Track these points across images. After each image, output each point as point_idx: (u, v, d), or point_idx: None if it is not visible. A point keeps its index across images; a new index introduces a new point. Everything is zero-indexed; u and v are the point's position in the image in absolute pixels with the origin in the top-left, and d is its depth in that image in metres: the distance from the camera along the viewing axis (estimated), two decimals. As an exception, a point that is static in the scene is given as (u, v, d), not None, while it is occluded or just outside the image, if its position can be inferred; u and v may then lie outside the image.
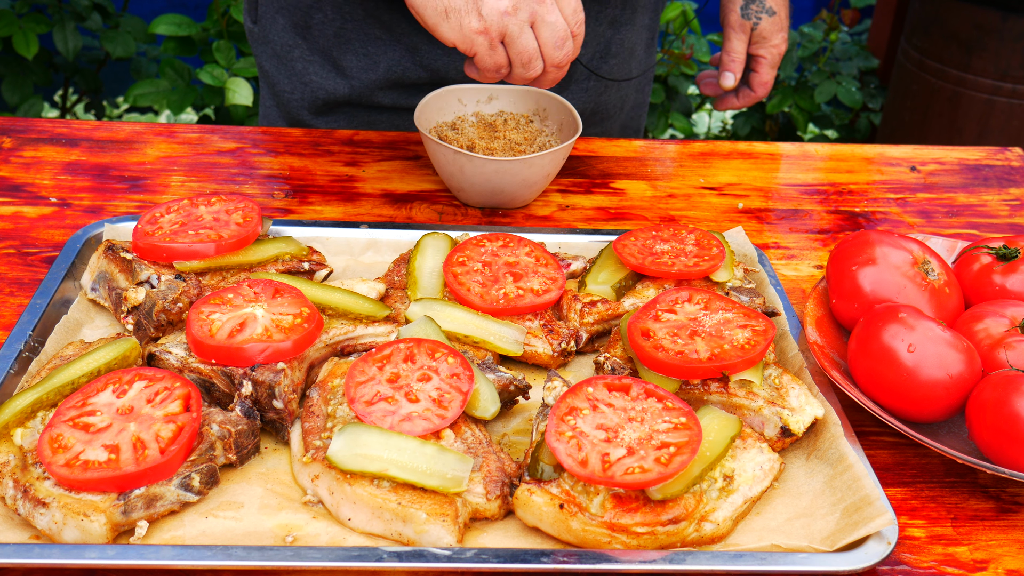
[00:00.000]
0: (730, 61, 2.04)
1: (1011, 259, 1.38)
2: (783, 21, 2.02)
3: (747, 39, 2.02)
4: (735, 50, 2.02)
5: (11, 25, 3.32)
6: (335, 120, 1.96)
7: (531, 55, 1.45)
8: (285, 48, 1.91)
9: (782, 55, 2.06)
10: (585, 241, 1.57)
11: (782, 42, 2.04)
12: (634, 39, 2.03)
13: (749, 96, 2.10)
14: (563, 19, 1.45)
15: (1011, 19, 3.54)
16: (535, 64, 1.47)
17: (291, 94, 1.94)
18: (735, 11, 2.01)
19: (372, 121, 1.96)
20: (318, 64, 1.89)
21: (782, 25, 2.02)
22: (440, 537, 1.05)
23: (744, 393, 1.22)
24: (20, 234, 1.59)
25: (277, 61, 1.93)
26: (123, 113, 4.59)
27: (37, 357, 1.28)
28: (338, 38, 1.86)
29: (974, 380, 1.20)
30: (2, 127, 1.89)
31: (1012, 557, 1.12)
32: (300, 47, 1.89)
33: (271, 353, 1.19)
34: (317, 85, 1.91)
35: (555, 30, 1.44)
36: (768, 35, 2.01)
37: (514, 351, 1.32)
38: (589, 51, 1.95)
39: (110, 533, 1.04)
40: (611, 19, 1.95)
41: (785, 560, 1.05)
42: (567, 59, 1.48)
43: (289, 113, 1.98)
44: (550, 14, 1.44)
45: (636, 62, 2.08)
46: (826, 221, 1.79)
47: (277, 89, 1.97)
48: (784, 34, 2.03)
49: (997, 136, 3.69)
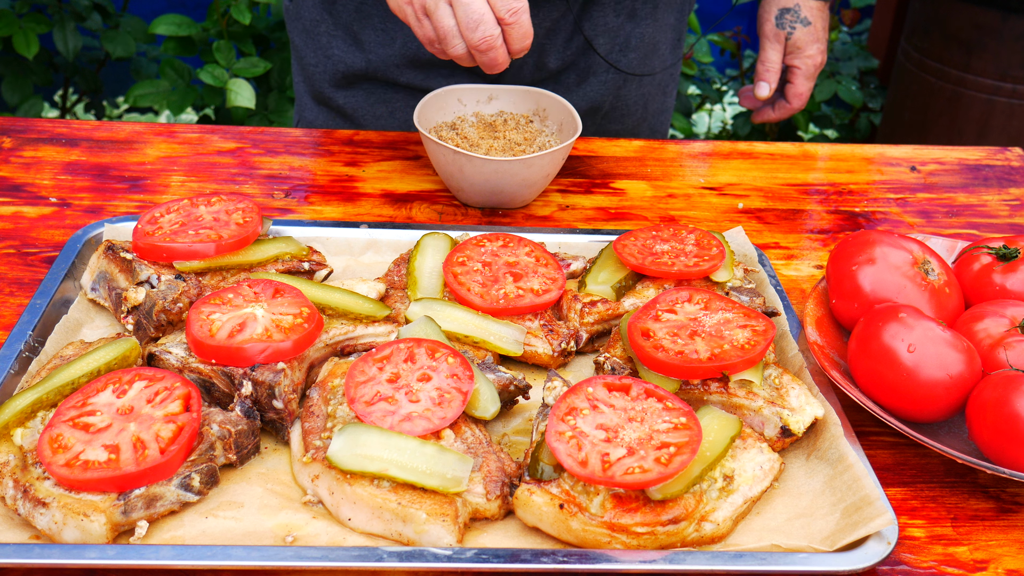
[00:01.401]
0: (765, 71, 2.06)
1: (1011, 259, 1.38)
2: (819, 33, 2.03)
3: (782, 49, 2.03)
4: (770, 60, 2.04)
5: (11, 25, 3.32)
6: (353, 95, 2.00)
7: (446, 31, 1.46)
8: (313, 23, 1.97)
9: (818, 67, 2.06)
10: (585, 241, 1.57)
11: (818, 53, 2.04)
12: (657, 36, 2.03)
13: (785, 108, 2.11)
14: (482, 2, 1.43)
15: (1011, 19, 3.54)
16: (452, 42, 1.47)
17: (315, 67, 2.01)
18: (770, 21, 2.03)
19: (388, 99, 1.99)
20: (340, 38, 1.95)
21: (817, 36, 2.03)
22: (440, 537, 1.05)
23: (744, 393, 1.22)
24: (20, 234, 1.59)
25: (306, 36, 2.00)
26: (123, 113, 4.59)
27: (37, 357, 1.28)
28: (359, 13, 1.91)
29: (974, 380, 1.20)
30: (2, 127, 1.89)
31: (1012, 557, 1.12)
32: (326, 22, 1.95)
33: (271, 353, 1.19)
34: (338, 58, 1.96)
35: (468, 11, 1.43)
36: (803, 45, 2.02)
37: (514, 351, 1.32)
38: (607, 43, 1.95)
39: (110, 533, 1.04)
40: (630, 11, 1.95)
41: (785, 560, 1.05)
42: (486, 43, 1.46)
43: (313, 87, 2.04)
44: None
45: (659, 60, 2.08)
46: (826, 221, 1.79)
47: (304, 63, 2.03)
48: (820, 46, 2.04)
49: (997, 136, 3.69)
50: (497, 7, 1.44)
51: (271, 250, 1.42)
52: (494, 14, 1.45)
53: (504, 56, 1.49)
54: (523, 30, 1.48)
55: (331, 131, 1.94)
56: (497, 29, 1.45)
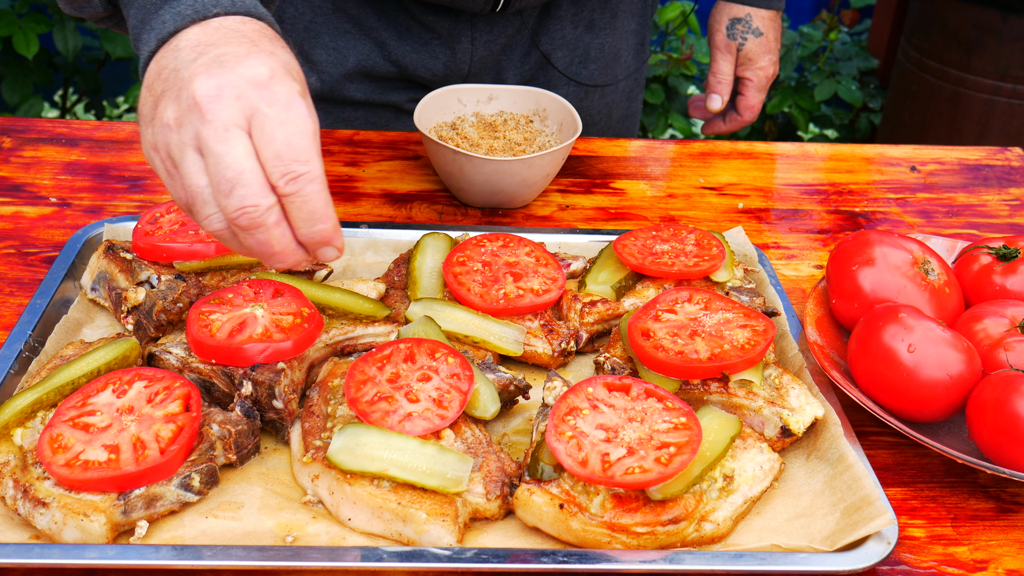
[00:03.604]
0: (716, 83, 2.00)
1: (1011, 259, 1.38)
2: (771, 44, 1.99)
3: (734, 60, 1.99)
4: (722, 71, 1.99)
5: (11, 25, 3.32)
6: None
7: (195, 190, 0.99)
8: None
9: (769, 79, 2.02)
10: (585, 241, 1.57)
11: (769, 64, 2.00)
12: (618, 44, 1.99)
13: (736, 120, 2.06)
14: (243, 152, 0.97)
15: (1011, 19, 3.54)
16: (203, 209, 1.00)
17: None
18: (721, 31, 1.98)
19: (346, 118, 1.94)
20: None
21: (769, 47, 1.98)
22: (440, 537, 1.05)
23: (744, 393, 1.22)
24: (20, 234, 1.59)
25: None
26: (123, 113, 4.59)
27: (37, 357, 1.28)
28: (308, 32, 1.86)
29: (974, 380, 1.20)
30: (2, 127, 1.89)
31: (1012, 557, 1.12)
32: None
33: (271, 353, 1.19)
34: None
35: (221, 166, 0.96)
36: (754, 56, 1.98)
37: (514, 351, 1.32)
38: (566, 56, 1.92)
39: (110, 533, 1.04)
40: (587, 23, 1.91)
41: (785, 560, 1.05)
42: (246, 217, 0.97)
43: None
44: (218, 142, 0.96)
45: (622, 67, 2.04)
46: (826, 221, 1.79)
47: None
48: (772, 56, 1.99)
49: (997, 136, 3.69)
50: (270, 168, 0.98)
51: (271, 250, 1.42)
52: (264, 177, 0.98)
53: (282, 241, 1.01)
54: (309, 207, 0.99)
55: (331, 131, 1.94)
56: (268, 199, 0.98)
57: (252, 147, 0.97)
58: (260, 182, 0.97)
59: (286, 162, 0.97)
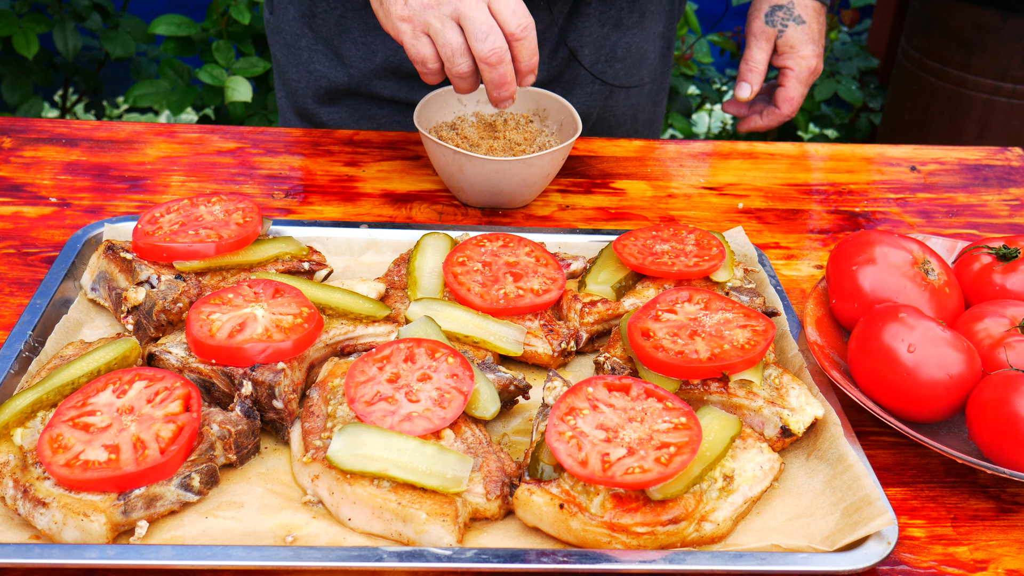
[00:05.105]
0: (748, 71, 1.89)
1: (1011, 259, 1.38)
2: (814, 34, 1.87)
3: (769, 48, 1.88)
4: (754, 59, 1.88)
5: (11, 25, 3.32)
6: (337, 111, 1.98)
7: (454, 49, 1.43)
8: (294, 37, 1.94)
9: (812, 72, 1.89)
10: (585, 241, 1.57)
11: (812, 55, 1.87)
12: (644, 45, 1.98)
13: (774, 115, 1.94)
14: (490, 16, 1.42)
15: (1011, 19, 3.54)
16: (458, 60, 1.44)
17: (298, 83, 1.97)
18: (759, 18, 1.88)
19: (373, 115, 1.96)
20: (321, 53, 1.92)
21: (813, 37, 1.87)
22: (440, 537, 1.05)
23: (744, 393, 1.22)
24: (20, 234, 1.59)
25: (288, 50, 1.97)
26: (123, 113, 4.59)
27: (37, 357, 1.28)
28: (339, 27, 1.88)
29: (974, 380, 1.20)
30: (2, 127, 1.89)
31: (1012, 557, 1.12)
32: (307, 36, 1.92)
33: (271, 353, 1.19)
34: (320, 74, 1.93)
35: (476, 24, 1.41)
36: (796, 44, 1.86)
37: (514, 351, 1.32)
38: (592, 54, 1.93)
39: (110, 533, 1.04)
40: (615, 21, 1.91)
41: (785, 560, 1.05)
42: (495, 55, 1.43)
43: (296, 103, 2.01)
44: (473, 10, 1.42)
45: (648, 69, 2.02)
46: (826, 221, 1.79)
47: (287, 78, 2.00)
48: (816, 48, 1.87)
49: (997, 136, 3.69)
50: (506, 23, 1.43)
51: (271, 250, 1.42)
52: (502, 30, 1.44)
53: (512, 73, 1.46)
54: (532, 46, 1.46)
55: (331, 131, 1.94)
56: (506, 44, 1.44)
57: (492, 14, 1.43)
58: (501, 34, 1.44)
59: (519, 16, 1.44)
